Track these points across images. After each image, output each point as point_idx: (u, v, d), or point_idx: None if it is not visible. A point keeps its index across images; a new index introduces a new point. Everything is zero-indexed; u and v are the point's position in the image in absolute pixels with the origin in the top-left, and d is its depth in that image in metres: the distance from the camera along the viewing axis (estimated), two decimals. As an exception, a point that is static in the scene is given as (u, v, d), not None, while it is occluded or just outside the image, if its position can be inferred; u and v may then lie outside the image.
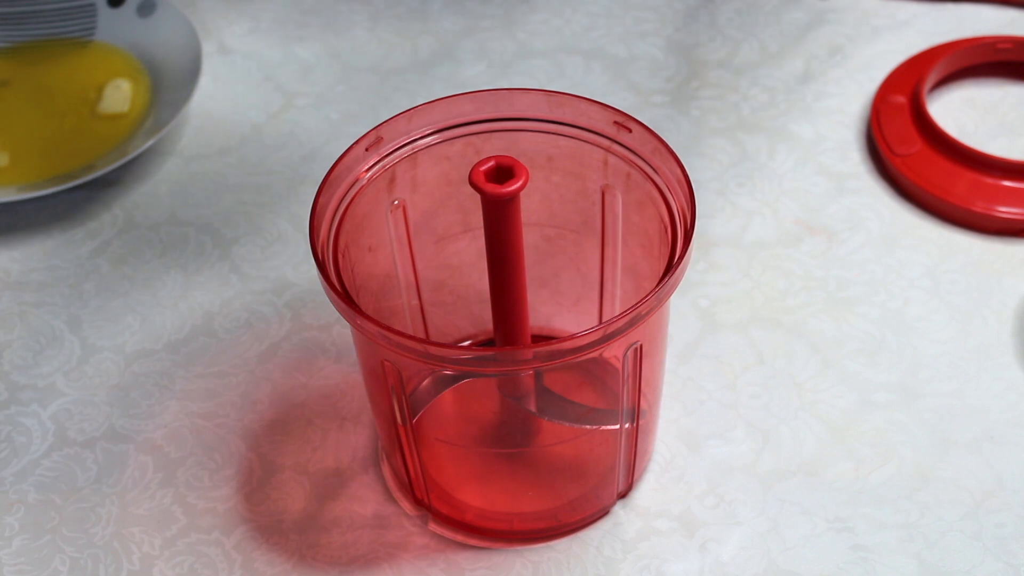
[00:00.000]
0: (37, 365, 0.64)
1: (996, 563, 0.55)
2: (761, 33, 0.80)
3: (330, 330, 0.65)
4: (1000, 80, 0.76)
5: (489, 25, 0.82)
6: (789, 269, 0.67)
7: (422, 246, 0.58)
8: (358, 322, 0.48)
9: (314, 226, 0.51)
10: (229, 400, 0.62)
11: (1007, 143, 0.72)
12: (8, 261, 0.69)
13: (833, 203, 0.70)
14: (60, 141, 0.74)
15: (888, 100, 0.73)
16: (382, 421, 0.56)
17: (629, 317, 0.47)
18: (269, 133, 0.75)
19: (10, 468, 0.60)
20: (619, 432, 0.55)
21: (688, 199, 0.50)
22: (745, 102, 0.76)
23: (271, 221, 0.70)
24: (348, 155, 0.53)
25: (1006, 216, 0.67)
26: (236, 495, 0.59)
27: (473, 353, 0.49)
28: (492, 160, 0.50)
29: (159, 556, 0.57)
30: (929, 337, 0.63)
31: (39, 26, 0.81)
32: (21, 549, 0.57)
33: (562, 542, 0.57)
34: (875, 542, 0.56)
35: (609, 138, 0.54)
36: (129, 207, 0.72)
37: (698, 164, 0.72)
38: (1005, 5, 0.80)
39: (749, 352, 0.63)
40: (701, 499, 0.58)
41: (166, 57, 0.77)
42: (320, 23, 0.82)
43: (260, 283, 0.67)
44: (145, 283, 0.68)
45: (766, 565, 0.55)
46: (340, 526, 0.57)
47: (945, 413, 0.60)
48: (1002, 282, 0.65)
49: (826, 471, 0.58)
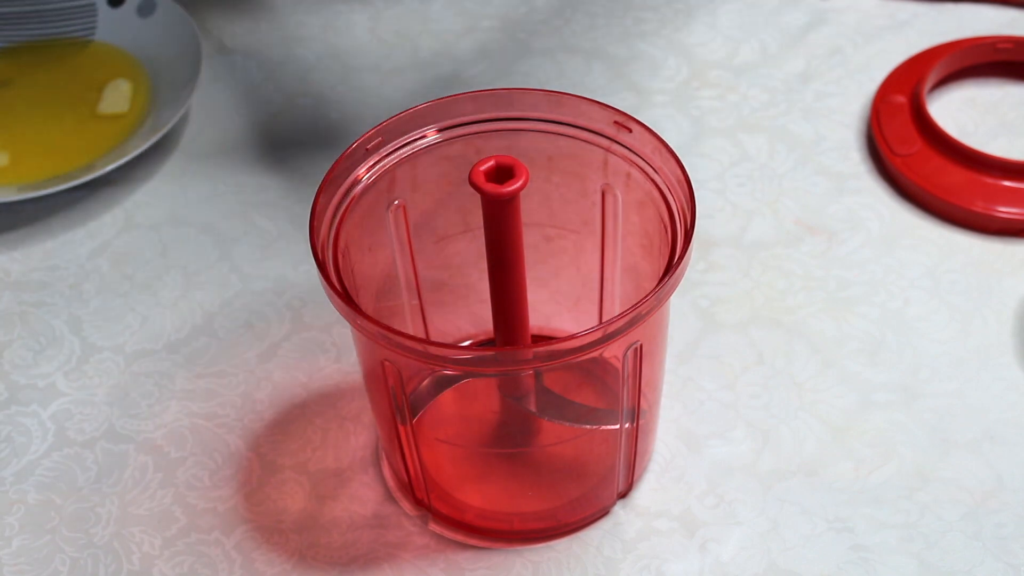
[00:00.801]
0: (37, 365, 0.64)
1: (996, 563, 0.55)
2: (761, 33, 0.80)
3: (330, 330, 0.65)
4: (1000, 80, 0.76)
5: (489, 25, 0.82)
6: (789, 269, 0.67)
7: (422, 246, 0.58)
8: (358, 322, 0.48)
9: (314, 226, 0.51)
10: (229, 400, 0.62)
11: (1007, 143, 0.72)
12: (8, 261, 0.69)
13: (833, 203, 0.70)
14: (60, 141, 0.74)
15: (888, 100, 0.73)
16: (382, 421, 0.56)
17: (629, 317, 0.47)
18: (269, 133, 0.75)
19: (10, 468, 0.60)
20: (619, 432, 0.55)
21: (688, 199, 0.50)
22: (745, 102, 0.75)
23: (271, 221, 0.70)
24: (348, 155, 0.53)
25: (1006, 216, 0.67)
26: (236, 495, 0.59)
27: (473, 353, 0.49)
28: (492, 160, 0.50)
29: (159, 556, 0.57)
30: (929, 337, 0.63)
31: (39, 26, 0.81)
32: (21, 549, 0.57)
33: (562, 542, 0.57)
34: (875, 542, 0.56)
35: (609, 138, 0.54)
36: (129, 207, 0.72)
37: (698, 164, 0.72)
38: (1005, 5, 0.80)
39: (749, 352, 0.63)
40: (701, 499, 0.58)
41: (166, 57, 0.77)
42: (320, 23, 0.82)
43: (260, 283, 0.67)
44: (145, 283, 0.68)
45: (766, 565, 0.55)
46: (340, 526, 0.57)
47: (945, 413, 0.60)
48: (1002, 282, 0.65)
49: (826, 471, 0.58)
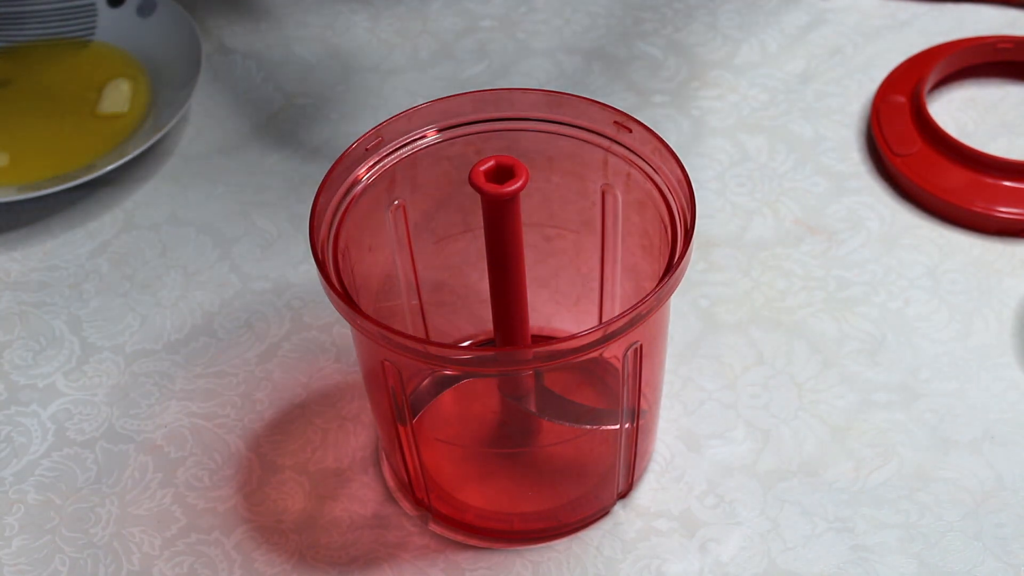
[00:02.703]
0: (37, 365, 0.64)
1: (996, 563, 0.55)
2: (761, 33, 0.80)
3: (330, 330, 0.65)
4: (1000, 80, 0.76)
5: (489, 25, 0.82)
6: (789, 269, 0.67)
7: (422, 246, 0.58)
8: (358, 322, 0.48)
9: (314, 226, 0.51)
10: (229, 400, 0.62)
11: (1007, 143, 0.72)
12: (8, 261, 0.69)
13: (833, 203, 0.70)
14: (60, 141, 0.74)
15: (888, 100, 0.73)
16: (382, 421, 0.56)
17: (629, 317, 0.47)
18: (269, 133, 0.75)
19: (10, 468, 0.60)
20: (619, 432, 0.55)
21: (688, 199, 0.50)
22: (745, 102, 0.75)
23: (271, 221, 0.70)
24: (348, 155, 0.53)
25: (1006, 216, 0.67)
26: (236, 495, 0.59)
27: (473, 353, 0.49)
28: (492, 160, 0.50)
29: (159, 556, 0.57)
30: (929, 337, 0.63)
31: (39, 26, 0.81)
32: (21, 549, 0.57)
33: (562, 542, 0.57)
34: (875, 542, 0.56)
35: (609, 138, 0.54)
36: (129, 207, 0.72)
37: (698, 164, 0.72)
38: (1005, 5, 0.80)
39: (749, 352, 0.63)
40: (701, 499, 0.58)
41: (166, 57, 0.77)
42: (320, 23, 0.82)
43: (260, 283, 0.67)
44: (145, 283, 0.68)
45: (766, 565, 0.55)
46: (340, 526, 0.57)
47: (945, 413, 0.60)
48: (1002, 282, 0.65)
49: (826, 471, 0.58)
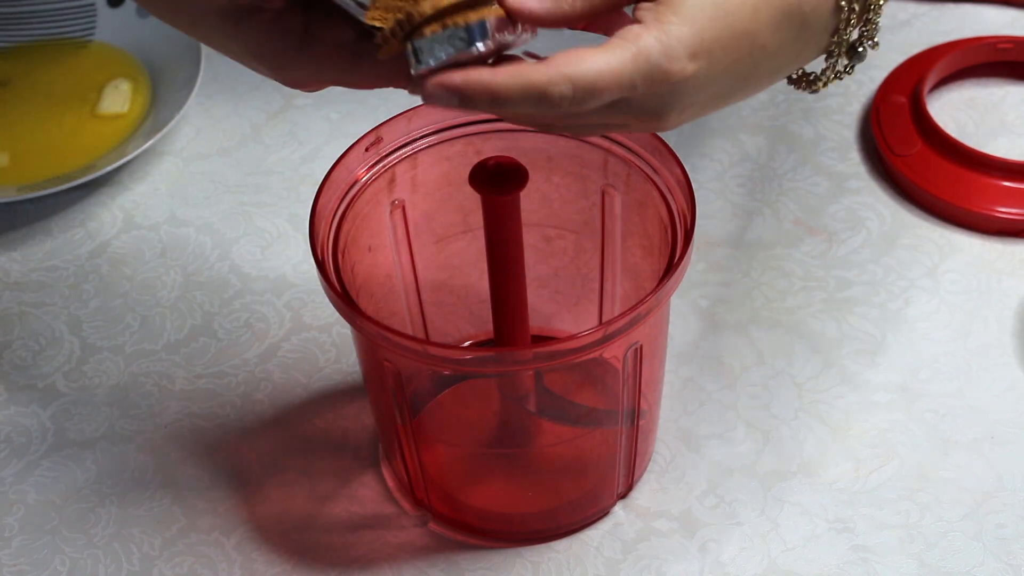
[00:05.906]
0: (37, 365, 0.64)
1: (996, 563, 0.55)
2: (761, 33, 0.80)
3: (330, 330, 0.65)
4: (1000, 80, 0.76)
5: (489, 25, 0.81)
6: (789, 269, 0.67)
7: (422, 246, 0.58)
8: (358, 323, 0.48)
9: (314, 226, 0.51)
10: (229, 400, 0.62)
11: (1007, 143, 0.72)
12: (8, 261, 0.69)
13: (833, 203, 0.70)
14: (60, 141, 0.74)
15: (888, 100, 0.73)
16: (382, 421, 0.56)
17: (629, 317, 0.47)
18: (269, 133, 0.75)
19: (10, 468, 0.60)
20: (619, 432, 0.55)
21: (688, 199, 0.50)
22: (745, 102, 0.75)
23: (271, 221, 0.70)
24: (348, 155, 0.53)
25: (1006, 216, 0.67)
26: (236, 495, 0.59)
27: (473, 353, 0.49)
28: (492, 160, 0.50)
29: (159, 556, 0.57)
30: (929, 337, 0.63)
31: (39, 26, 0.81)
32: (21, 549, 0.57)
33: (562, 542, 0.57)
34: (875, 542, 0.56)
35: (609, 138, 0.54)
36: (129, 207, 0.72)
37: (698, 164, 0.72)
38: (1005, 5, 0.80)
39: (749, 352, 0.63)
40: (701, 499, 0.58)
41: (166, 57, 0.77)
42: (320, 23, 0.82)
43: (260, 283, 0.67)
44: (145, 283, 0.68)
45: (766, 565, 0.55)
46: (340, 526, 0.57)
47: (945, 413, 0.60)
48: (1002, 282, 0.65)
49: (826, 471, 0.58)
